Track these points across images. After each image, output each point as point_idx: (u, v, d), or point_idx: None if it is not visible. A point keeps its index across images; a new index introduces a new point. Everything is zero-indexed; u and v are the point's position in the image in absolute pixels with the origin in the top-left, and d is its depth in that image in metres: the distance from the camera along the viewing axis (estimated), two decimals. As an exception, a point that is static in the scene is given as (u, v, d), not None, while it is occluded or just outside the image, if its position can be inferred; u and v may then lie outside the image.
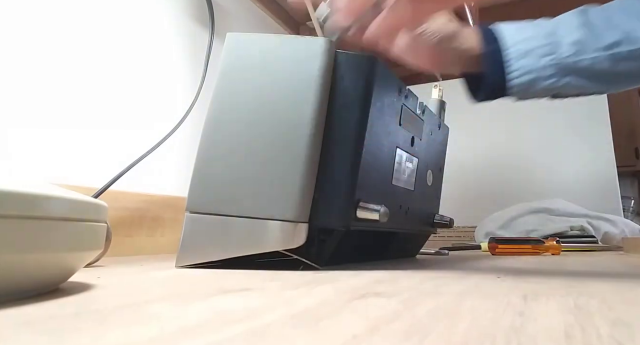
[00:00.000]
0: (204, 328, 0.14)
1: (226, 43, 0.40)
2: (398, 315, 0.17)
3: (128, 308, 0.18)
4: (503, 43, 0.45)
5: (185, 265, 0.37)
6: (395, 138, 0.43)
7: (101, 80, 0.59)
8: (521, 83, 0.44)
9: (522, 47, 0.44)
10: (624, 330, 0.15)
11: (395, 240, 0.51)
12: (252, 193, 0.36)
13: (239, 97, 0.38)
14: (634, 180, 2.12)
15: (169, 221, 0.63)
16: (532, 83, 0.44)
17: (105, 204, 0.25)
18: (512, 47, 0.44)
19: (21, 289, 0.20)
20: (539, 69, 0.44)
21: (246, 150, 0.37)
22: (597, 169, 1.12)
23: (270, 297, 0.21)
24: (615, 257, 0.63)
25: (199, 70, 0.73)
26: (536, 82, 0.44)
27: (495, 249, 0.70)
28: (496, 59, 0.44)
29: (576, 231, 0.89)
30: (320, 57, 0.37)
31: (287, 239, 0.35)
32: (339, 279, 0.29)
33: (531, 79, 0.44)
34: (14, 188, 0.18)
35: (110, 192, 0.50)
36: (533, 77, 0.44)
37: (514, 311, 0.18)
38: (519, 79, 0.44)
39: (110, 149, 0.59)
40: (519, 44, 0.44)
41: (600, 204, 1.06)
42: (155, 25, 0.69)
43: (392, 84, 0.41)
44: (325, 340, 0.13)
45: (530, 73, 0.44)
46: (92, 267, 0.38)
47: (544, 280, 0.30)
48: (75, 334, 0.14)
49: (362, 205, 0.36)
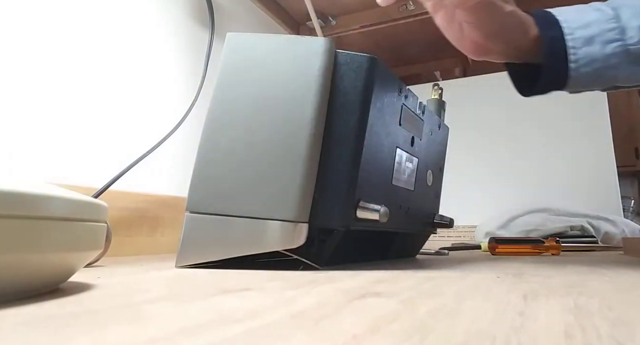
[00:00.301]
0: (204, 328, 0.14)
1: (226, 43, 0.40)
2: (398, 315, 0.17)
3: (128, 308, 0.18)
4: (565, 27, 0.40)
5: (185, 265, 0.37)
6: (395, 138, 0.43)
7: (101, 80, 0.59)
8: (586, 73, 0.39)
9: (584, 32, 0.39)
10: (624, 330, 0.15)
11: (395, 240, 0.51)
12: (252, 193, 0.36)
13: (239, 97, 0.38)
14: (634, 180, 2.12)
15: (169, 221, 0.63)
16: (597, 73, 0.40)
17: (105, 204, 0.25)
18: (575, 32, 0.40)
19: (21, 289, 0.20)
20: (605, 57, 0.39)
21: (246, 150, 0.37)
22: (597, 169, 1.12)
23: (270, 297, 0.21)
24: (615, 257, 0.63)
25: (199, 70, 0.73)
26: (602, 71, 0.40)
27: (495, 249, 0.70)
28: (557, 46, 0.40)
29: (576, 231, 0.89)
30: (320, 57, 0.37)
31: (287, 239, 0.35)
32: (339, 279, 0.29)
33: (597, 69, 0.39)
34: (14, 188, 0.18)
35: (110, 192, 0.50)
36: (599, 67, 0.39)
37: (514, 311, 0.18)
38: (585, 69, 0.39)
39: (110, 149, 0.59)
40: (580, 30, 0.40)
41: (600, 204, 1.06)
42: (155, 25, 0.69)
43: (392, 84, 0.41)
44: (325, 340, 0.13)
45: (595, 62, 0.39)
46: (92, 267, 0.38)
47: (544, 280, 0.30)
48: (75, 334, 0.14)
49: (362, 205, 0.36)
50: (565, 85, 0.42)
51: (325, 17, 1.06)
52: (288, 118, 0.36)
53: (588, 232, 0.89)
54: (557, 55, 0.40)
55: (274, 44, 0.39)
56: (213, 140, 0.38)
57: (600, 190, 1.11)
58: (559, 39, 0.40)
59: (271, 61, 0.38)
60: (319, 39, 0.37)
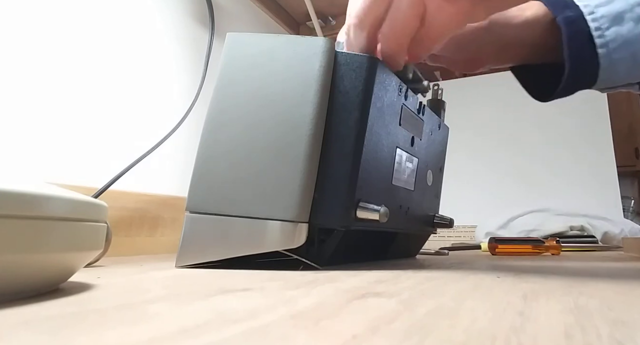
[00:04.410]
0: (204, 328, 0.14)
1: (226, 43, 0.40)
2: (398, 315, 0.17)
3: (128, 308, 0.18)
4: (583, 6, 0.32)
5: (185, 265, 0.37)
6: (395, 138, 0.43)
7: (101, 80, 0.59)
8: (622, 59, 0.32)
9: (609, 9, 0.32)
10: (624, 330, 0.15)
11: (395, 240, 0.51)
12: (252, 193, 0.36)
13: (238, 97, 0.38)
14: (634, 180, 2.12)
15: (169, 221, 0.63)
16: (636, 58, 0.32)
17: (105, 204, 0.25)
18: (597, 10, 0.32)
19: (21, 289, 0.20)
20: (638, 39, 0.31)
21: (246, 150, 0.37)
22: (597, 169, 1.12)
23: (271, 297, 0.21)
24: (615, 257, 0.63)
25: (199, 70, 0.73)
26: (638, 57, 0.32)
27: (495, 249, 0.70)
28: (577, 30, 0.32)
29: (576, 231, 0.89)
30: (320, 57, 0.37)
31: (287, 239, 0.35)
32: (339, 279, 0.29)
33: (635, 53, 0.31)
34: (14, 188, 0.18)
35: (110, 192, 0.50)
36: (636, 50, 0.31)
37: (514, 311, 0.18)
38: (618, 54, 0.31)
39: (110, 148, 0.59)
40: (602, 7, 0.32)
41: (600, 204, 1.06)
42: (155, 25, 0.69)
43: (392, 84, 0.41)
44: (325, 340, 0.13)
45: (630, 43, 0.31)
46: (92, 267, 0.38)
47: (544, 280, 0.30)
48: (76, 334, 0.14)
49: (362, 205, 0.36)
50: (596, 79, 0.33)
51: (325, 17, 1.06)
52: (288, 118, 0.36)
53: (588, 232, 0.89)
54: (579, 41, 0.32)
55: (273, 44, 0.39)
56: (213, 140, 0.38)
57: (600, 190, 1.11)
58: (578, 19, 0.32)
59: (271, 61, 0.38)
60: (319, 39, 0.37)
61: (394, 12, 0.33)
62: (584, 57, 0.32)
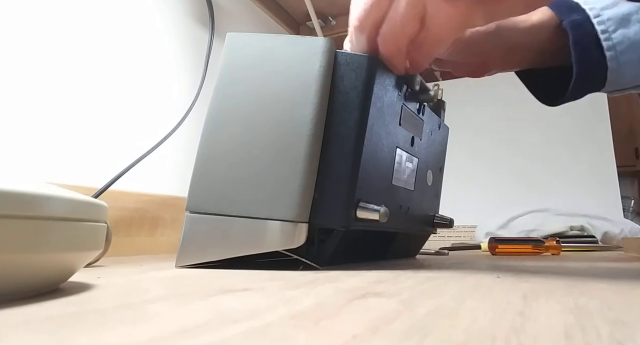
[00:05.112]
0: (204, 328, 0.14)
1: (226, 43, 0.40)
2: (398, 315, 0.17)
3: (128, 308, 0.18)
4: (589, 9, 0.32)
5: (185, 265, 0.37)
6: (395, 138, 0.43)
7: (101, 80, 0.59)
8: (630, 62, 0.32)
9: (614, 12, 0.32)
10: (624, 330, 0.15)
11: (395, 240, 0.51)
12: (252, 193, 0.36)
13: (238, 97, 0.38)
14: (634, 180, 2.12)
15: (169, 221, 0.63)
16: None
17: (105, 204, 0.25)
18: (602, 13, 0.32)
19: (21, 289, 0.20)
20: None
21: (246, 150, 0.37)
22: (597, 169, 1.12)
23: (271, 297, 0.21)
24: (615, 257, 0.63)
25: (199, 70, 0.73)
26: None
27: (495, 249, 0.70)
28: (584, 33, 0.32)
29: (576, 231, 0.89)
30: (320, 57, 0.37)
31: (287, 239, 0.35)
32: (339, 279, 0.29)
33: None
34: (14, 188, 0.18)
35: (110, 192, 0.50)
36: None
37: (514, 311, 0.18)
38: (626, 56, 0.31)
39: (110, 149, 0.59)
40: (608, 10, 0.32)
41: (600, 204, 1.06)
42: (155, 25, 0.69)
43: (392, 84, 0.41)
44: (325, 340, 0.13)
45: (637, 45, 0.31)
46: (92, 267, 0.38)
47: (544, 280, 0.30)
48: (76, 334, 0.14)
49: (362, 205, 0.36)
50: (604, 81, 0.34)
51: (325, 17, 1.06)
52: (288, 118, 0.36)
53: (588, 232, 0.89)
54: (586, 44, 0.32)
55: (274, 44, 0.39)
56: (213, 140, 0.38)
57: (600, 190, 1.11)
58: (584, 23, 0.32)
59: (271, 61, 0.38)
60: (319, 39, 0.37)
61: (393, 12, 0.33)
62: (591, 61, 0.33)
